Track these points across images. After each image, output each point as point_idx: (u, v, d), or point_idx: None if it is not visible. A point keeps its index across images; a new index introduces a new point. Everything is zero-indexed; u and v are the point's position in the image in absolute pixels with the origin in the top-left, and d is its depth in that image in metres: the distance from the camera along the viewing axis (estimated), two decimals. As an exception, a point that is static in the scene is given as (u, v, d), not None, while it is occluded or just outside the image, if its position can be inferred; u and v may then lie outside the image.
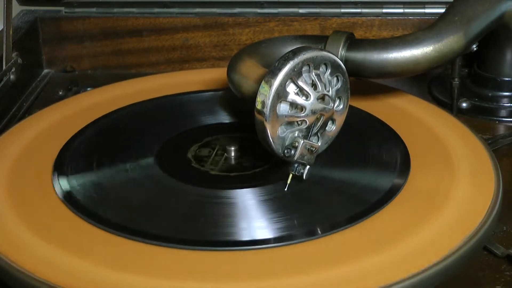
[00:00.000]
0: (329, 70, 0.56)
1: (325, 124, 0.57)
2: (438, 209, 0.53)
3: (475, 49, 0.66)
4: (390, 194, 0.55)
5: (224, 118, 0.68)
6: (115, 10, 0.87)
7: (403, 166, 0.58)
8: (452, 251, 0.49)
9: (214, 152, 0.62)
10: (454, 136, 0.63)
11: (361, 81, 0.70)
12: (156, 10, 0.87)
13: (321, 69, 0.56)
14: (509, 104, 0.75)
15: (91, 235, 0.51)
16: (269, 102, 0.53)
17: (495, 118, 0.73)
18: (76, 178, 0.58)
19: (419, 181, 0.57)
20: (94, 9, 0.87)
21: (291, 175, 0.55)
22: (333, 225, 0.52)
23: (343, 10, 0.85)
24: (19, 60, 0.79)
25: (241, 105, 0.64)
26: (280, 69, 0.53)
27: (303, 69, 0.54)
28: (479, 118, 0.73)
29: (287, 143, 0.55)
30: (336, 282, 0.47)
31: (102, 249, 0.50)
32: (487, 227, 0.52)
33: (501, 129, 0.72)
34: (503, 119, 0.73)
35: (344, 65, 0.57)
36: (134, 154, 0.61)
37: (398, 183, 0.56)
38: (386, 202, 0.54)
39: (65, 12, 0.88)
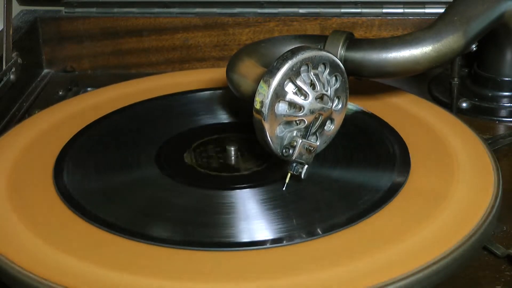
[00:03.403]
0: (328, 70, 0.56)
1: (323, 124, 0.57)
2: (437, 209, 0.53)
3: (474, 49, 0.66)
4: (390, 193, 0.55)
5: (224, 118, 0.68)
6: (115, 10, 0.87)
7: (403, 165, 0.58)
8: (452, 251, 0.49)
9: (214, 152, 0.62)
10: (454, 136, 0.63)
11: (361, 80, 0.70)
12: (156, 10, 0.87)
13: (319, 68, 0.56)
14: (509, 104, 0.74)
15: (91, 236, 0.51)
16: (267, 102, 0.53)
17: (495, 118, 0.73)
18: (77, 178, 0.58)
19: (419, 181, 0.56)
20: (94, 9, 0.87)
21: (289, 175, 0.55)
22: (333, 225, 0.52)
23: (343, 10, 0.85)
24: (19, 60, 0.79)
25: (241, 105, 0.64)
26: (278, 69, 0.53)
27: (302, 68, 0.54)
28: (479, 118, 0.73)
29: (285, 142, 0.55)
30: (336, 282, 0.47)
31: (102, 249, 0.50)
32: (487, 227, 0.52)
33: (501, 129, 0.72)
34: (503, 119, 0.73)
35: (344, 64, 0.57)
36: (134, 154, 0.61)
37: (398, 182, 0.56)
38: (386, 202, 0.54)
39: (65, 12, 0.88)
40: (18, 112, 0.77)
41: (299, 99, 0.54)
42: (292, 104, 0.55)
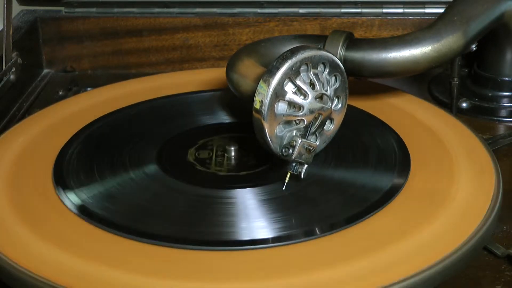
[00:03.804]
0: (327, 70, 0.56)
1: (323, 123, 0.57)
2: (438, 209, 0.53)
3: (474, 49, 0.66)
4: (390, 194, 0.55)
5: (224, 118, 0.68)
6: (115, 10, 0.87)
7: (403, 166, 0.58)
8: (452, 251, 0.49)
9: (214, 152, 0.62)
10: (454, 136, 0.63)
11: (361, 81, 0.70)
12: (156, 10, 0.87)
13: (319, 68, 0.56)
14: (509, 104, 0.74)
15: (91, 235, 0.51)
16: (267, 101, 0.53)
17: (495, 118, 0.73)
18: (76, 178, 0.58)
19: (419, 181, 0.56)
20: (94, 9, 0.88)
21: (288, 174, 0.55)
22: (333, 225, 0.52)
23: (343, 10, 0.85)
24: (19, 60, 0.79)
25: (241, 105, 0.64)
26: (278, 68, 0.53)
27: (301, 68, 0.54)
28: (479, 118, 0.73)
29: (285, 142, 0.55)
30: (336, 282, 0.47)
31: (102, 248, 0.50)
32: (487, 227, 0.52)
33: (501, 129, 0.72)
34: (503, 119, 0.73)
35: (343, 64, 0.57)
36: (134, 154, 0.61)
37: (398, 183, 0.56)
38: (386, 202, 0.54)
39: (65, 12, 0.88)
40: (18, 112, 0.77)
41: (298, 99, 0.54)
42: (291, 104, 0.54)
